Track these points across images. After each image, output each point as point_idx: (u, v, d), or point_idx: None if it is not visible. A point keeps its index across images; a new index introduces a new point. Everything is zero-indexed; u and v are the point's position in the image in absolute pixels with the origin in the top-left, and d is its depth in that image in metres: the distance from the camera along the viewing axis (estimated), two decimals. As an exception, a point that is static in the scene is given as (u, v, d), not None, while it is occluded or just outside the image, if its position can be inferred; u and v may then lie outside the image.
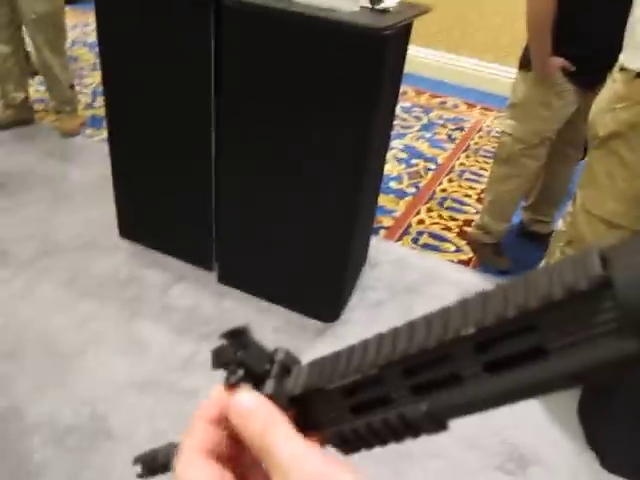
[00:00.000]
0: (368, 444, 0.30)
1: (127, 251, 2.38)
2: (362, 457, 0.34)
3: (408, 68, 2.14)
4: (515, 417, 1.79)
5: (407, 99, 4.29)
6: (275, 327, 2.07)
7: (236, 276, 2.22)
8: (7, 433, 1.64)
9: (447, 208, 2.97)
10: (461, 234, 2.75)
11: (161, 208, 2.27)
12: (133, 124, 2.15)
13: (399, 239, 2.67)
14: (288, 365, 0.35)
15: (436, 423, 0.27)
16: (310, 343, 2.02)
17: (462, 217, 2.90)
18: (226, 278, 2.23)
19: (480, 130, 3.93)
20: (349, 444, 0.31)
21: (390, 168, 3.23)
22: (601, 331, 0.22)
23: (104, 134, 3.07)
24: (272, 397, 0.33)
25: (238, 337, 0.35)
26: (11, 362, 1.85)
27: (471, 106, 4.32)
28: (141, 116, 2.11)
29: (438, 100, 4.37)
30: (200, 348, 1.94)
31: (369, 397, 0.29)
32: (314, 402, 0.32)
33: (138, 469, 0.47)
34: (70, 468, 1.56)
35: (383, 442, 0.30)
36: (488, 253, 2.56)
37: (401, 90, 2.17)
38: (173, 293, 2.19)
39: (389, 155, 3.26)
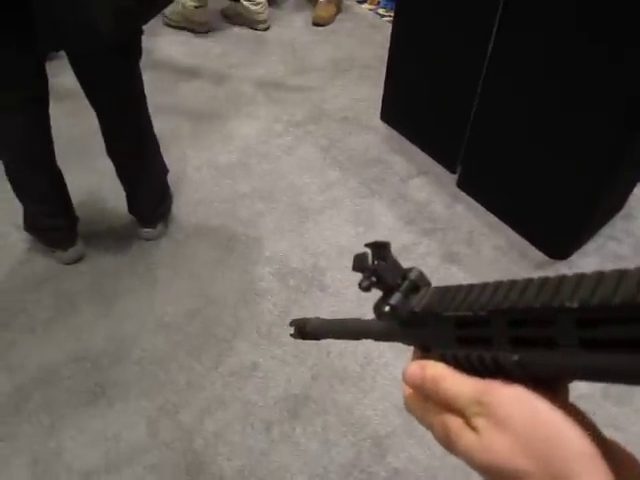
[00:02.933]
0: (464, 371, 0.33)
1: (382, 134, 2.51)
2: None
3: None
4: None
5: None
6: (496, 245, 2.04)
7: (475, 185, 2.20)
8: (249, 258, 1.98)
9: None
10: None
11: (424, 102, 2.31)
12: (419, 12, 2.16)
13: (672, 197, 2.31)
14: (418, 284, 0.39)
15: (525, 373, 0.30)
16: (527, 272, 1.96)
17: None
18: (465, 184, 2.23)
19: None
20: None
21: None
22: None
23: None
24: (394, 308, 0.38)
25: (379, 249, 0.40)
26: (266, 202, 2.17)
27: None
28: (428, 5, 2.10)
29: None
30: (420, 241, 2.03)
31: (474, 334, 0.32)
32: (430, 323, 0.36)
33: (291, 330, 0.57)
34: (284, 301, 1.84)
35: (478, 374, 0.33)
36: None
37: None
38: (412, 184, 2.28)
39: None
